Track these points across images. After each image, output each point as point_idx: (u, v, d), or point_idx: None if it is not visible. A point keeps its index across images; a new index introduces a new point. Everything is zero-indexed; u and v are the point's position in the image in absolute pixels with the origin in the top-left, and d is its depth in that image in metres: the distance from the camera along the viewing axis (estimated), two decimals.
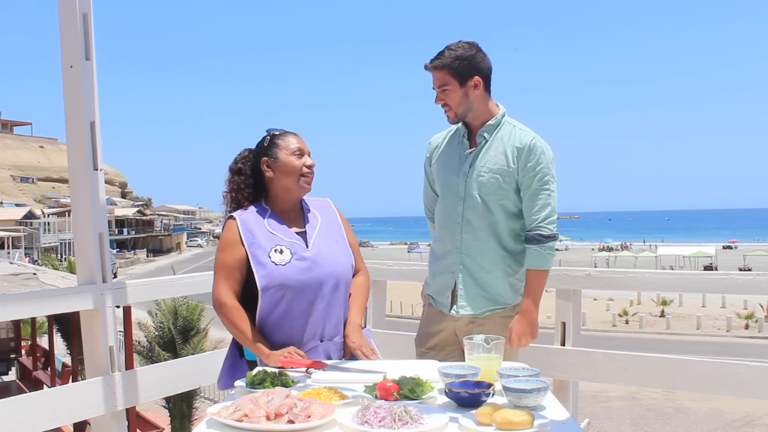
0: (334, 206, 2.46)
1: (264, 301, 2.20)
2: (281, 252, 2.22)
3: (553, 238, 2.45)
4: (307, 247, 2.26)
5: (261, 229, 2.26)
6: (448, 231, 2.53)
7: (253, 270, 2.21)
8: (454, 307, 2.52)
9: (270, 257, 2.21)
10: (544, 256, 2.45)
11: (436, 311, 2.60)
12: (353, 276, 2.38)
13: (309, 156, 2.32)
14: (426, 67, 2.45)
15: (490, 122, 2.48)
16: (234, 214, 2.30)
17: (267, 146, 2.31)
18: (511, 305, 2.54)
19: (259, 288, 2.19)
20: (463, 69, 2.40)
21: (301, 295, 2.20)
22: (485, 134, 2.49)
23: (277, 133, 2.33)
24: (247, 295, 2.24)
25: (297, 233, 2.29)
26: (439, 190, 2.60)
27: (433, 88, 2.47)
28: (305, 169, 2.30)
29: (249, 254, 2.22)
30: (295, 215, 2.34)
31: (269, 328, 2.22)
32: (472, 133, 2.52)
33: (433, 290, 2.62)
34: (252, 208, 2.32)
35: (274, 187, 2.31)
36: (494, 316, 2.51)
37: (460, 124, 2.55)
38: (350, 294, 2.36)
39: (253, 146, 2.38)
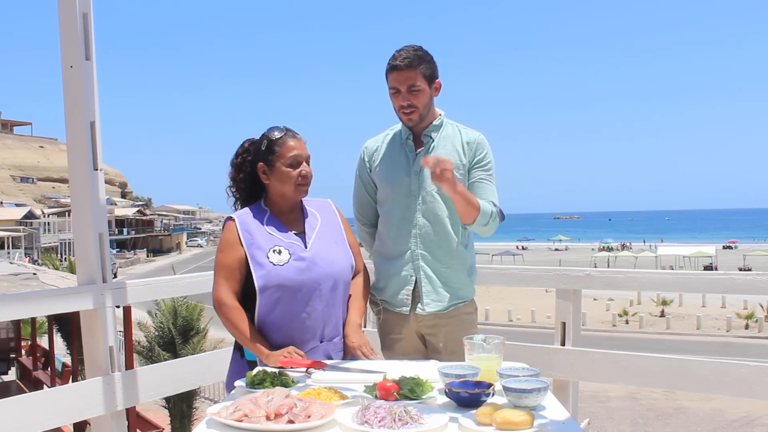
0: (334, 207, 2.46)
1: (262, 301, 2.20)
2: (279, 252, 2.22)
3: (503, 217, 2.50)
4: (306, 247, 2.26)
5: (260, 230, 2.26)
6: (403, 231, 2.52)
7: (252, 270, 2.21)
8: (419, 304, 2.50)
9: (268, 258, 2.20)
10: (491, 212, 2.43)
11: (393, 314, 2.56)
12: (353, 277, 2.38)
13: (307, 163, 2.30)
14: (397, 67, 2.40)
15: (434, 123, 2.54)
16: (233, 215, 2.30)
17: (264, 151, 2.29)
18: (471, 298, 2.58)
19: (257, 288, 2.19)
20: (430, 71, 2.45)
21: (299, 295, 2.20)
22: (431, 134, 2.53)
23: (275, 138, 2.29)
24: (247, 295, 2.24)
25: (296, 234, 2.29)
26: (387, 192, 2.57)
27: (394, 89, 2.44)
28: (300, 179, 2.28)
29: (247, 255, 2.22)
30: (295, 216, 2.34)
31: (268, 329, 2.22)
32: (414, 135, 2.55)
33: (388, 293, 2.57)
34: (251, 209, 2.32)
35: (271, 192, 2.32)
36: (458, 312, 2.52)
37: (401, 128, 2.57)
38: (350, 294, 2.35)
39: (256, 136, 2.36)
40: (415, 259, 2.51)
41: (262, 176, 2.30)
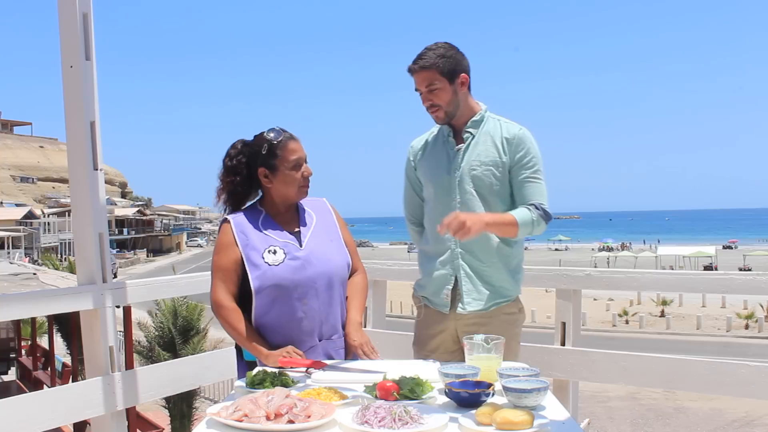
0: (329, 206, 2.45)
1: (258, 301, 2.20)
2: (274, 252, 2.22)
3: (549, 217, 2.45)
4: (301, 246, 2.26)
5: (255, 231, 2.26)
6: None
7: (247, 271, 2.21)
8: (460, 304, 2.48)
9: (263, 258, 2.20)
10: (532, 220, 2.40)
11: (433, 312, 2.57)
12: (351, 275, 2.38)
13: (306, 162, 2.31)
14: (411, 69, 2.42)
15: (474, 118, 2.50)
16: (228, 216, 2.30)
17: (265, 155, 2.26)
18: (514, 297, 2.54)
19: (253, 289, 2.19)
20: (450, 66, 2.41)
21: (294, 294, 2.20)
22: (471, 130, 2.49)
23: (275, 142, 2.27)
24: (245, 296, 2.24)
25: (291, 233, 2.29)
26: (430, 190, 2.57)
27: (417, 90, 2.45)
28: (302, 181, 2.29)
29: (243, 256, 2.22)
30: (290, 216, 2.34)
31: (266, 329, 2.22)
32: (456, 131, 2.53)
33: (429, 291, 2.58)
34: (246, 210, 2.32)
35: (272, 195, 2.31)
36: (499, 312, 2.49)
37: (443, 125, 2.55)
38: (348, 293, 2.35)
39: (249, 137, 2.34)
40: (455, 258, 2.49)
41: (264, 180, 2.29)
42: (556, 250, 73.19)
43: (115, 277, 3.02)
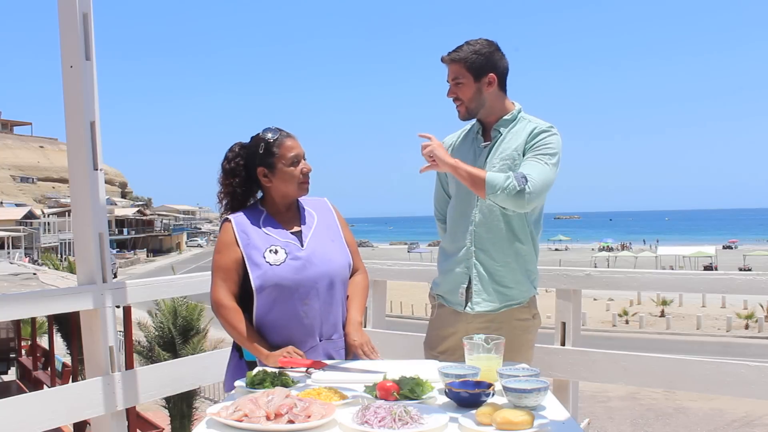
0: (331, 205, 2.45)
1: (260, 301, 2.20)
2: (276, 252, 2.22)
3: (526, 185, 2.26)
4: (302, 246, 2.26)
5: (256, 230, 2.26)
6: (462, 227, 2.50)
7: (248, 271, 2.21)
8: (469, 304, 2.46)
9: (265, 257, 2.20)
10: (503, 179, 2.27)
11: (448, 312, 2.54)
12: (352, 275, 2.38)
13: (304, 159, 2.31)
14: (442, 59, 2.45)
15: (505, 117, 2.48)
16: (229, 216, 2.29)
17: (263, 154, 2.27)
18: (527, 301, 2.49)
19: (254, 288, 2.19)
20: (479, 64, 2.41)
21: (296, 294, 2.20)
22: (500, 129, 2.48)
23: (271, 140, 2.28)
24: (245, 296, 2.24)
25: (293, 233, 2.29)
26: (453, 187, 2.57)
27: (447, 81, 2.47)
28: (302, 177, 2.29)
29: (244, 255, 2.22)
30: (291, 215, 2.34)
31: (267, 329, 2.22)
32: (486, 129, 2.52)
33: (444, 289, 2.56)
34: (248, 210, 2.32)
35: (272, 194, 2.31)
36: (510, 318, 2.45)
37: (474, 122, 2.54)
38: (349, 293, 2.35)
39: (248, 139, 2.35)
40: (470, 256, 2.47)
41: (263, 180, 2.29)
42: (556, 250, 73.16)
43: (115, 277, 3.02)
